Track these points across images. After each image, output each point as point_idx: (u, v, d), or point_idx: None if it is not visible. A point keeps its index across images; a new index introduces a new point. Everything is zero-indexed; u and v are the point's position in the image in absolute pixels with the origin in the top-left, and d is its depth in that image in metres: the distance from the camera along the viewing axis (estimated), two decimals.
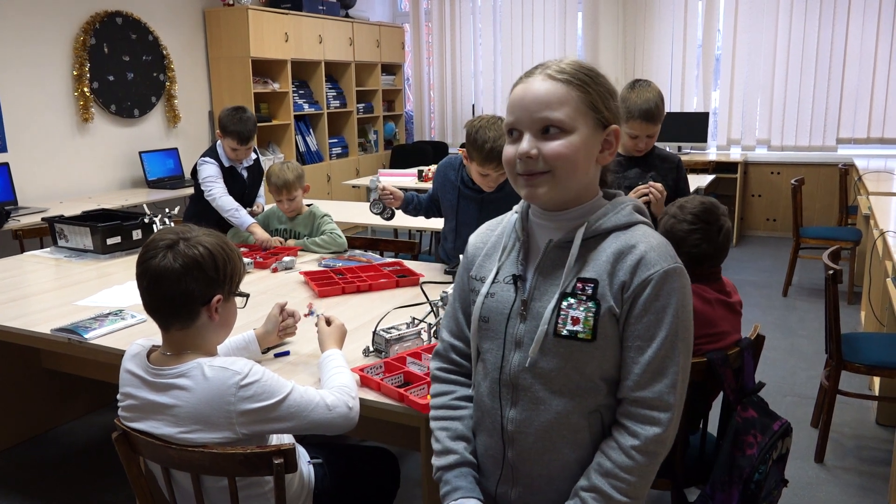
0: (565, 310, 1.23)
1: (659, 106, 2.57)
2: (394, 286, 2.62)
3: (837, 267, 2.64)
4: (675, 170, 2.72)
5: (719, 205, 2.03)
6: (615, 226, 1.26)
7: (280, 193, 3.21)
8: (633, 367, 1.23)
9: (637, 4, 7.00)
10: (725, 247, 2.01)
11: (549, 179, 1.23)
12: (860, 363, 2.71)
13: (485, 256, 1.40)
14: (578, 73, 1.23)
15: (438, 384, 1.46)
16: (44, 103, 4.91)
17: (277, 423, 1.49)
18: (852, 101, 6.49)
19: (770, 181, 6.81)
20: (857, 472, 2.76)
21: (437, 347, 1.50)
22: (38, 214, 4.29)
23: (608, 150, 1.28)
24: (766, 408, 1.89)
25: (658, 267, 1.21)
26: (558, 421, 1.26)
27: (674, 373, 1.22)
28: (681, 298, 1.22)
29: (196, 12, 6.07)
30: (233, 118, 3.49)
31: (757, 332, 2.01)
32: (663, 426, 1.21)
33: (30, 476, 2.85)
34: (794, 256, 4.97)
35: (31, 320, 2.33)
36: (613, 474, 1.22)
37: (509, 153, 1.27)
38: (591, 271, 1.24)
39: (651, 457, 1.22)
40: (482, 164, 2.52)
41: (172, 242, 1.48)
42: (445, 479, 1.35)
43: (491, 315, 1.32)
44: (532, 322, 1.27)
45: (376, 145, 7.82)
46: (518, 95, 1.25)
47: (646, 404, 1.22)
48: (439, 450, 1.38)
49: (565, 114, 1.21)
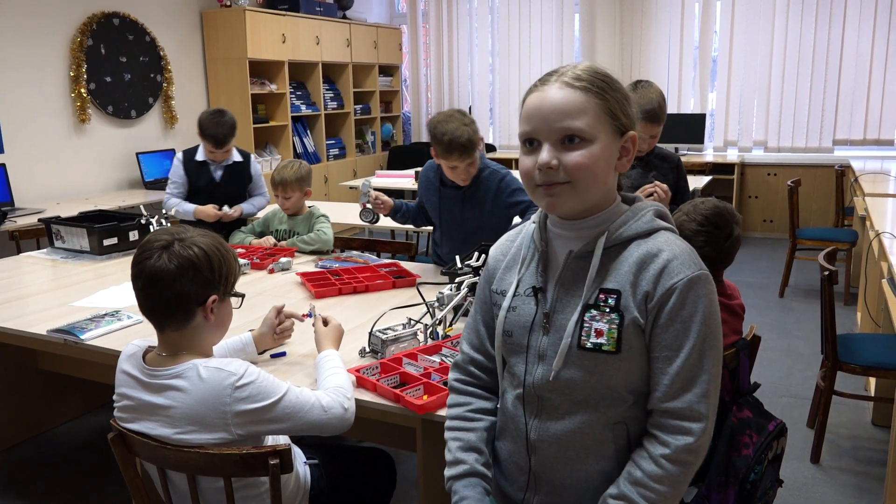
0: (588, 322, 1.21)
1: (661, 106, 2.57)
2: (390, 287, 2.62)
3: (833, 268, 2.65)
4: (675, 169, 2.73)
5: (735, 213, 2.02)
6: (637, 233, 1.24)
7: (276, 189, 3.26)
8: (662, 378, 1.20)
9: (634, 6, 7.02)
10: (731, 254, 2.00)
11: (570, 190, 1.20)
12: (856, 364, 2.72)
13: (505, 269, 1.37)
14: (595, 79, 1.21)
15: (455, 395, 1.44)
16: (41, 104, 4.91)
17: (273, 424, 1.49)
18: (849, 102, 6.51)
19: (767, 182, 6.83)
20: (852, 472, 2.76)
21: (456, 359, 1.48)
22: (34, 215, 4.28)
23: (626, 157, 1.25)
24: (762, 408, 1.90)
25: (682, 275, 1.18)
26: (581, 431, 1.24)
27: (704, 381, 1.19)
28: (707, 305, 1.19)
29: (193, 13, 6.07)
30: (210, 121, 3.56)
31: (753, 332, 2.01)
32: (695, 436, 1.18)
33: (26, 477, 2.84)
34: (791, 257, 4.98)
35: (28, 321, 2.33)
36: (643, 483, 1.20)
37: (527, 164, 1.22)
38: (614, 282, 1.22)
39: (682, 466, 1.19)
40: (445, 157, 2.60)
41: (167, 243, 1.48)
42: (455, 489, 1.34)
43: (514, 329, 1.31)
44: (555, 335, 1.25)
45: (374, 146, 7.83)
46: (534, 104, 1.22)
47: (677, 415, 1.19)
48: (450, 460, 1.37)
49: (586, 122, 1.18)
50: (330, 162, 7.08)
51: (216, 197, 3.64)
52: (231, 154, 3.74)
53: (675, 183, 2.69)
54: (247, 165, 3.83)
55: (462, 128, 2.55)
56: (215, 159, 3.66)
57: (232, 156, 3.75)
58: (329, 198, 6.90)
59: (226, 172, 3.74)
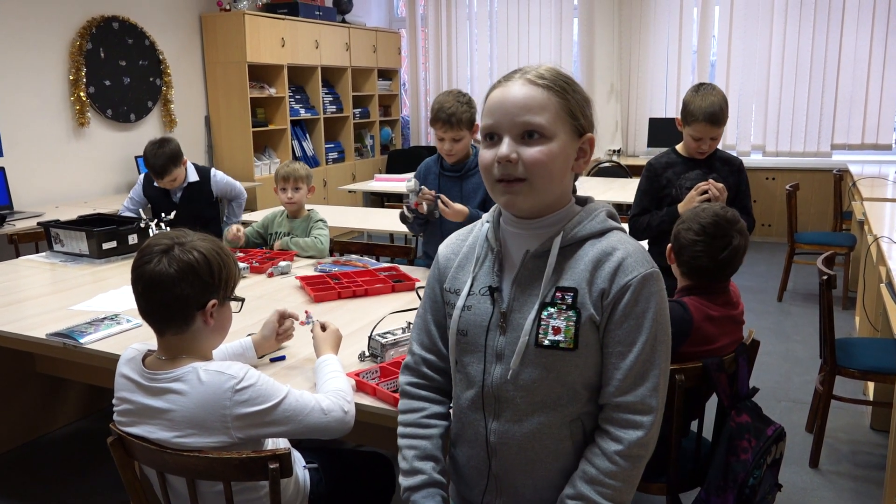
0: (545, 320, 1.23)
1: (723, 109, 2.59)
2: (389, 291, 2.62)
3: (831, 272, 2.65)
4: (737, 172, 2.74)
5: (736, 220, 1.96)
6: (591, 233, 1.26)
7: (284, 183, 3.22)
8: (615, 373, 1.23)
9: (633, 10, 7.03)
10: (730, 263, 1.95)
11: (527, 188, 1.22)
12: (854, 368, 2.72)
13: (457, 268, 1.37)
14: (558, 79, 1.24)
15: (408, 400, 1.43)
16: (40, 108, 4.91)
17: (273, 427, 1.49)
18: (846, 107, 6.53)
19: (765, 187, 6.84)
20: (851, 476, 2.76)
21: (406, 361, 1.46)
22: (33, 219, 4.28)
23: (583, 159, 1.28)
24: (760, 412, 1.90)
25: (636, 272, 1.21)
26: (541, 431, 1.26)
27: (655, 376, 1.23)
28: (659, 302, 1.23)
29: (192, 17, 6.08)
30: (149, 152, 3.58)
31: (751, 337, 2.01)
32: (645, 429, 1.22)
33: (24, 480, 2.84)
34: (789, 262, 4.98)
35: (27, 325, 2.33)
36: (598, 481, 1.22)
37: (487, 157, 1.25)
38: (570, 280, 1.24)
39: (635, 461, 1.22)
40: (433, 125, 2.80)
41: (167, 247, 1.48)
42: (413, 501, 1.34)
43: (469, 328, 1.31)
44: (512, 334, 1.26)
45: (373, 150, 7.83)
46: (497, 99, 1.24)
47: (628, 409, 1.22)
48: (407, 469, 1.36)
49: (546, 119, 1.21)
50: (329, 165, 7.08)
51: (179, 217, 3.55)
52: (185, 176, 3.74)
53: (736, 186, 2.70)
54: (205, 183, 3.83)
55: (455, 103, 2.72)
56: (165, 187, 3.69)
57: (188, 177, 3.75)
58: (328, 201, 6.90)
59: (184, 194, 3.77)
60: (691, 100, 2.61)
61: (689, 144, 2.69)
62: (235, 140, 6.23)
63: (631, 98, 7.25)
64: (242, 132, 6.17)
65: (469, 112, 2.76)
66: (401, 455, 1.39)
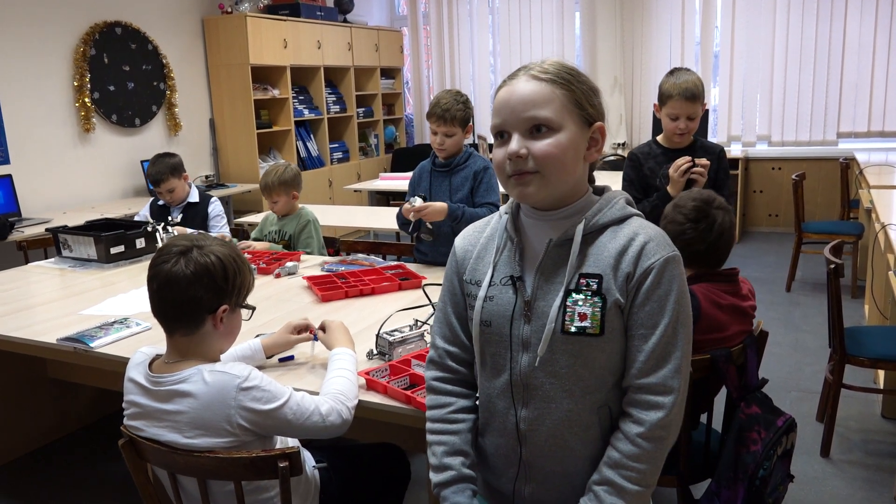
0: (571, 307, 1.24)
1: (698, 86, 2.61)
2: (396, 289, 2.63)
3: (839, 261, 2.64)
4: (717, 159, 2.74)
5: (712, 198, 2.00)
6: (612, 220, 1.28)
7: (264, 194, 3.44)
8: (638, 355, 1.24)
9: (634, 4, 7.01)
10: (722, 242, 1.97)
11: (539, 179, 1.24)
12: (864, 357, 2.71)
13: (476, 259, 1.38)
14: (561, 72, 1.26)
15: (435, 395, 1.43)
16: (45, 114, 4.94)
17: (273, 428, 1.50)
18: (852, 94, 6.49)
19: (771, 177, 6.81)
20: (863, 465, 2.76)
21: (430, 355, 1.46)
22: (41, 225, 4.31)
23: (595, 148, 1.29)
24: (770, 404, 1.89)
25: (658, 256, 1.23)
26: (569, 418, 1.27)
27: (677, 358, 1.23)
28: (680, 285, 1.24)
29: (195, 21, 6.09)
30: (151, 160, 3.80)
31: (760, 328, 2.01)
32: (666, 409, 1.22)
33: (38, 485, 2.86)
34: (797, 252, 4.97)
35: (37, 330, 2.34)
36: (623, 465, 1.23)
37: (499, 156, 1.27)
38: (593, 266, 1.25)
39: (657, 442, 1.23)
40: (429, 118, 2.88)
41: (186, 249, 1.51)
42: (443, 496, 1.35)
43: (493, 318, 1.32)
44: (537, 322, 1.27)
45: (377, 149, 7.84)
46: (503, 98, 1.27)
47: (650, 390, 1.23)
48: (436, 465, 1.37)
49: (552, 112, 1.23)
50: (334, 165, 7.09)
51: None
52: (187, 195, 3.81)
53: (715, 174, 2.71)
54: (203, 207, 3.85)
55: (451, 101, 2.80)
56: (166, 200, 3.78)
57: (189, 197, 3.81)
58: (333, 201, 6.91)
59: (185, 215, 3.82)
60: (666, 80, 2.66)
61: (668, 127, 2.69)
62: (240, 142, 6.25)
63: (635, 91, 7.23)
64: (247, 134, 6.19)
65: (464, 111, 2.82)
66: (430, 451, 1.40)
